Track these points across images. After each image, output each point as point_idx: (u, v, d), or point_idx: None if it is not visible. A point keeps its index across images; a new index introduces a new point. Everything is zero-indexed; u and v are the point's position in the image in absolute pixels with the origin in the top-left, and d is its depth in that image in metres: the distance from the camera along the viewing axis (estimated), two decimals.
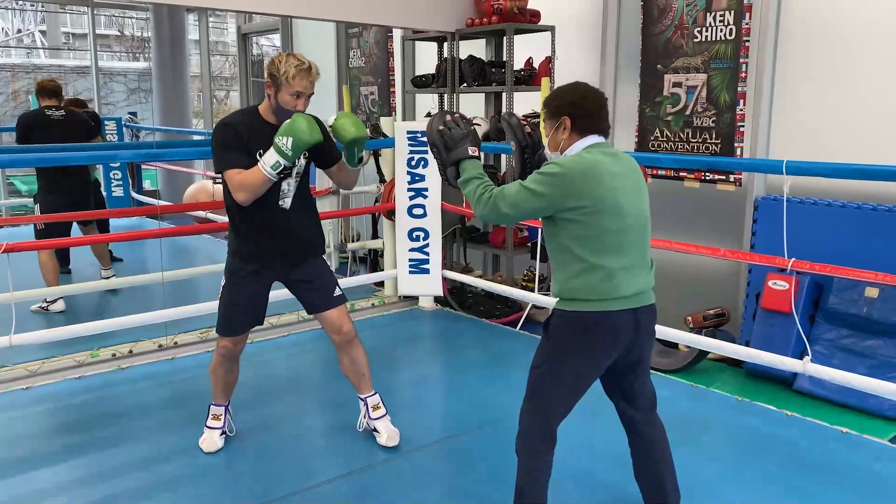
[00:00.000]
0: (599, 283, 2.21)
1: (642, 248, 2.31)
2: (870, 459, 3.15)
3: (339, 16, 5.68)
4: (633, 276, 2.26)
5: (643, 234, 2.30)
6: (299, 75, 2.83)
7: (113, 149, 4.41)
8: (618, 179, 2.22)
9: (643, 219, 2.30)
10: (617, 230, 2.21)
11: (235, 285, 3.04)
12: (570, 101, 2.31)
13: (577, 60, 5.41)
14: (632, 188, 2.27)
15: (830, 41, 4.22)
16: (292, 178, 2.96)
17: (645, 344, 2.37)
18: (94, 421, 3.52)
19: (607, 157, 2.26)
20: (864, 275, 3.33)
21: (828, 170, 3.54)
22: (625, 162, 2.31)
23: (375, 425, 3.22)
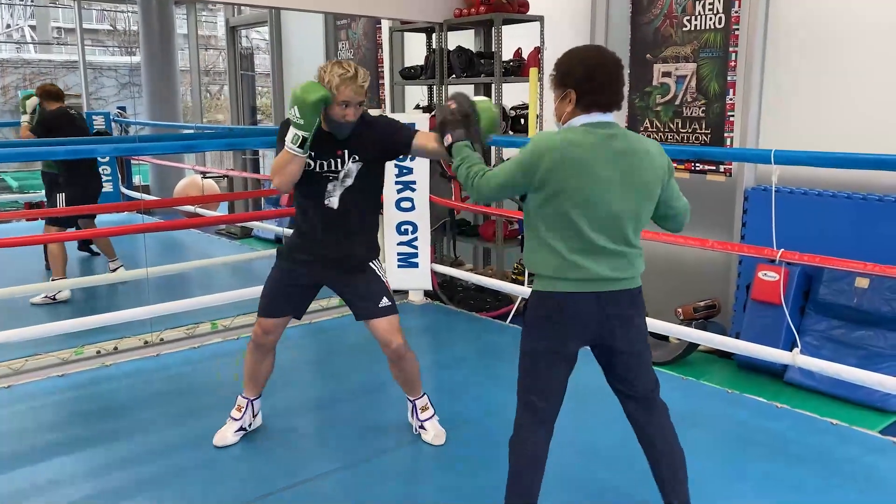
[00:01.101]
0: (558, 262, 2.17)
1: (617, 234, 2.19)
2: (860, 451, 3.12)
3: (327, 7, 5.64)
4: (600, 259, 2.17)
5: (619, 221, 2.17)
6: (344, 84, 2.70)
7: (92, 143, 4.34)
8: (598, 163, 2.12)
9: (623, 204, 2.16)
10: (582, 212, 2.13)
11: (278, 269, 3.06)
12: (577, 72, 2.17)
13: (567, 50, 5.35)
14: (615, 171, 2.13)
15: (820, 30, 4.18)
16: (338, 180, 2.85)
17: (619, 330, 2.25)
18: (77, 419, 3.47)
19: (600, 137, 2.14)
20: (854, 265, 3.30)
21: (816, 159, 3.51)
22: (624, 144, 2.16)
23: (423, 424, 3.21)
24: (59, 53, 20.55)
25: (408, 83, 5.99)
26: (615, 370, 2.35)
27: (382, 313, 2.97)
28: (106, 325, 4.08)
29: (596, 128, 2.15)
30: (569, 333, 2.23)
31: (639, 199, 2.19)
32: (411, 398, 3.24)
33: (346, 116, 2.76)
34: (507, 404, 3.13)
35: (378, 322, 2.98)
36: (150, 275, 5.19)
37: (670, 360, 4.25)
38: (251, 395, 3.24)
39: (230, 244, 7.78)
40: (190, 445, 3.18)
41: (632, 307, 2.28)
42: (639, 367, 2.35)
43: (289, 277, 3.02)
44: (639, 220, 2.23)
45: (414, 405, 3.24)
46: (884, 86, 3.96)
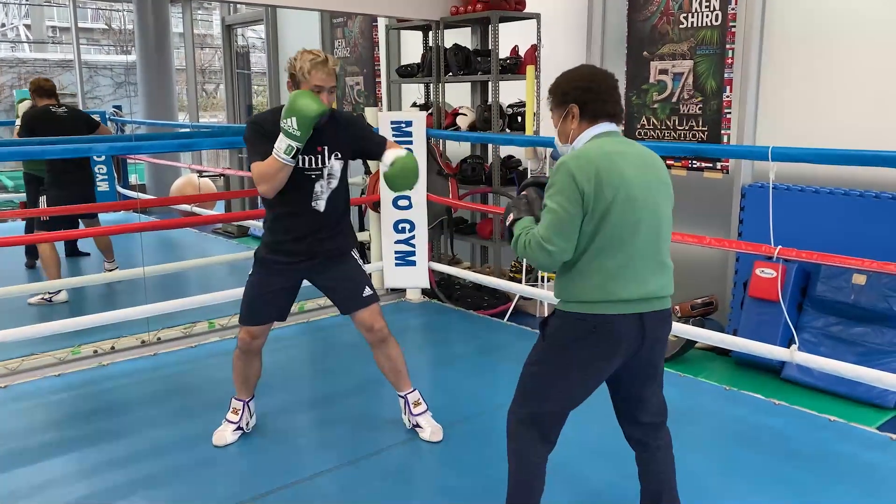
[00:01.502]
0: (601, 283, 2.05)
1: (654, 248, 2.10)
2: (858, 448, 3.13)
3: (323, 5, 5.62)
4: (640, 277, 2.07)
5: (655, 233, 2.10)
6: (315, 69, 2.76)
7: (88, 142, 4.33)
8: (630, 170, 2.06)
9: (657, 216, 2.10)
10: (625, 227, 2.04)
11: (259, 275, 3.05)
12: (576, 85, 2.14)
13: (563, 48, 5.35)
14: (645, 181, 2.08)
15: (816, 26, 4.18)
16: (324, 179, 2.91)
17: (653, 351, 2.18)
18: (74, 419, 3.47)
19: (619, 146, 2.11)
20: (850, 262, 3.30)
21: (814, 156, 3.50)
22: (640, 153, 2.13)
23: (417, 421, 3.19)
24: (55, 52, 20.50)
25: (404, 81, 5.98)
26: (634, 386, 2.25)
27: (367, 302, 3.04)
28: (103, 324, 4.06)
29: (612, 136, 2.13)
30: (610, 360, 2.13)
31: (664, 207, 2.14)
32: (401, 393, 3.23)
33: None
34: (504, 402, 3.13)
35: (361, 312, 3.04)
36: (146, 274, 5.18)
37: (668, 357, 4.25)
38: (245, 397, 3.25)
39: (227, 243, 7.76)
40: (187, 444, 3.17)
41: (667, 327, 2.21)
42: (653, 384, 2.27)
43: (270, 283, 3.03)
44: (670, 228, 2.18)
45: (406, 400, 3.22)
46: (880, 82, 3.96)
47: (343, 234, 3.06)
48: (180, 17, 10.21)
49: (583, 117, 2.13)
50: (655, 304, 2.12)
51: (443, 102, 5.58)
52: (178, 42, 11.09)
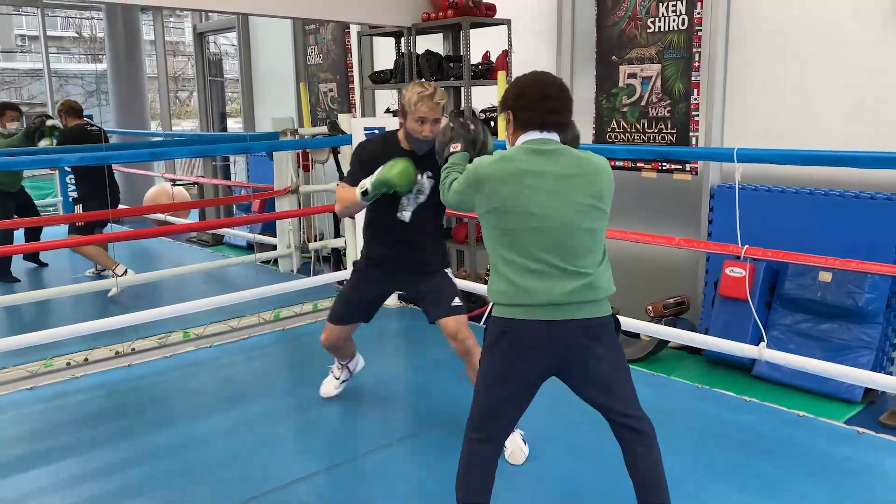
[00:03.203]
0: (507, 287, 2.12)
1: (561, 257, 2.09)
2: (827, 442, 3.19)
3: (295, 12, 5.63)
4: (545, 284, 2.08)
5: (563, 242, 2.09)
6: (421, 101, 2.92)
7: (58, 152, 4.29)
8: (535, 178, 2.09)
9: (566, 225, 2.09)
10: (525, 235, 2.09)
11: (353, 281, 3.32)
12: (512, 93, 2.22)
13: (534, 53, 5.40)
14: (555, 189, 2.09)
15: (780, 30, 4.27)
16: (412, 193, 3.03)
17: (587, 366, 2.15)
18: (47, 431, 3.43)
19: (535, 154, 2.13)
20: (816, 260, 3.38)
21: (778, 156, 3.58)
22: (565, 161, 2.14)
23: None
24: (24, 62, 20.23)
25: (378, 87, 6.00)
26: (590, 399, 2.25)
27: (454, 312, 3.11)
28: (75, 336, 4.03)
29: (535, 144, 2.15)
30: (523, 365, 2.14)
31: (577, 215, 2.11)
32: None
33: (422, 132, 2.95)
34: None
35: (448, 319, 3.10)
36: (119, 284, 5.15)
37: (641, 357, 4.31)
38: (346, 361, 3.62)
39: (202, 251, 7.72)
40: (163, 455, 3.16)
41: (590, 336, 2.13)
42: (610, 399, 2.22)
43: (362, 291, 3.25)
44: (593, 237, 2.15)
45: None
46: (842, 84, 4.05)
47: (434, 249, 3.19)
48: (151, 24, 10.13)
49: (515, 125, 2.19)
50: (566, 312, 2.09)
51: None
52: (149, 50, 10.99)
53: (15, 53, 21.17)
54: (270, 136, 5.88)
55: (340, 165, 5.70)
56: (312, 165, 6.23)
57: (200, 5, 6.04)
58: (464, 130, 2.61)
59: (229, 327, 4.70)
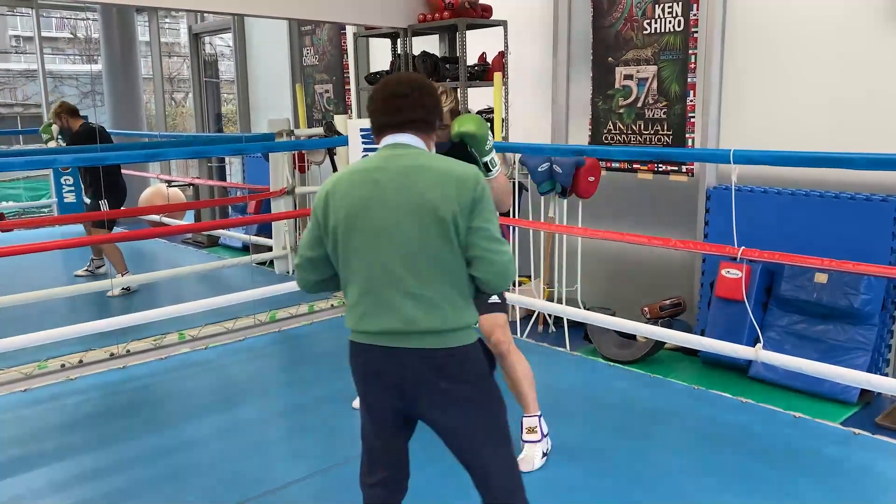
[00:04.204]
0: (349, 310, 1.93)
1: (397, 278, 1.84)
2: (822, 443, 3.20)
3: (291, 13, 5.62)
4: (379, 308, 1.86)
5: (401, 262, 1.83)
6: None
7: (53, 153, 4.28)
8: (366, 189, 1.86)
9: (403, 243, 1.83)
10: (356, 254, 1.87)
11: None
12: (369, 96, 2.02)
13: (530, 55, 5.41)
14: (391, 203, 1.83)
15: (776, 31, 4.27)
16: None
17: (435, 409, 1.90)
18: (41, 433, 3.42)
19: (383, 160, 1.89)
20: (811, 261, 3.38)
21: (774, 158, 3.58)
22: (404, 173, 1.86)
23: (523, 446, 3.03)
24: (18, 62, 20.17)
25: None
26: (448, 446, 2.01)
27: (488, 309, 2.99)
28: (70, 337, 4.01)
29: (387, 150, 1.92)
30: (369, 392, 1.96)
31: (427, 230, 1.83)
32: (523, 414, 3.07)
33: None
34: None
35: (483, 318, 2.99)
36: (114, 286, 5.13)
37: (638, 358, 4.30)
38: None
39: (197, 253, 7.70)
40: (158, 456, 3.15)
41: (435, 371, 1.87)
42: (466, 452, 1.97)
43: None
44: (436, 261, 1.84)
45: (521, 422, 3.05)
46: (838, 85, 4.06)
47: None
48: (146, 25, 10.11)
49: (373, 130, 1.99)
50: (405, 340, 1.85)
51: None
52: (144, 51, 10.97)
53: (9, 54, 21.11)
54: (266, 138, 5.88)
55: (336, 167, 5.69)
56: (308, 166, 6.22)
57: (196, 6, 6.02)
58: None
59: (225, 329, 4.68)
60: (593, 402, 3.67)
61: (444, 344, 1.86)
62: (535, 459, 2.97)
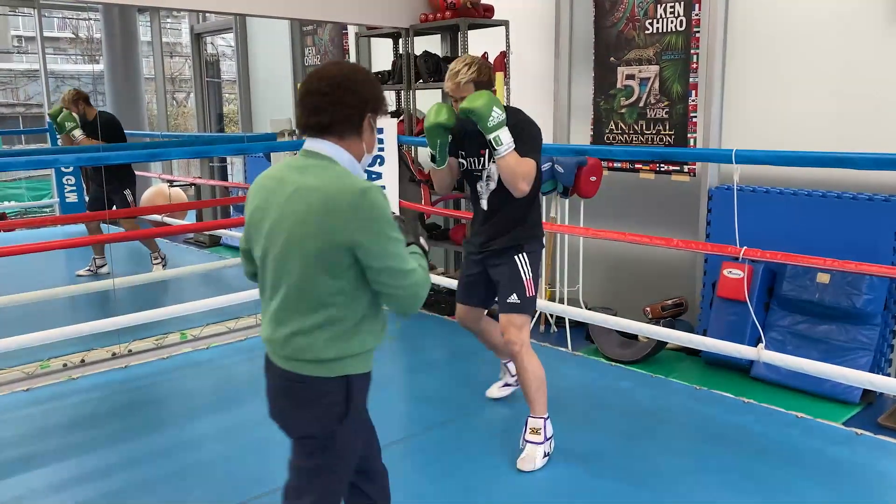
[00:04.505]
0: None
1: (271, 294, 1.78)
2: (824, 443, 3.20)
3: (292, 13, 5.61)
4: (268, 316, 1.81)
5: (276, 280, 1.76)
6: (448, 79, 2.93)
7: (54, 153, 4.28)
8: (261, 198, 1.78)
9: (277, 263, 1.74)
10: (261, 255, 1.80)
11: (463, 262, 3.34)
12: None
13: (532, 54, 5.41)
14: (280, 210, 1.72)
15: (778, 31, 4.27)
16: (483, 180, 3.05)
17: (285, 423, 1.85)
18: (43, 433, 3.42)
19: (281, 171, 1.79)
20: (813, 261, 3.38)
21: (776, 158, 3.58)
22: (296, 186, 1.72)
23: (525, 445, 3.03)
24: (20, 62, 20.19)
25: None
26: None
27: (506, 309, 3.04)
28: (72, 337, 4.02)
29: (300, 157, 1.79)
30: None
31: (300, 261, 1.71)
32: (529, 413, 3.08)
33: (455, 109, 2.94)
34: (479, 407, 3.16)
35: (501, 316, 3.06)
36: (117, 285, 5.13)
37: (640, 358, 4.30)
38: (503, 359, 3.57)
39: (199, 253, 7.71)
40: (159, 456, 3.15)
41: (288, 397, 1.80)
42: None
43: (465, 269, 3.29)
44: (300, 290, 1.72)
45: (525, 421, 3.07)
46: (840, 85, 4.05)
47: (510, 234, 3.07)
48: (148, 25, 10.12)
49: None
50: (274, 357, 1.81)
51: (414, 109, 5.60)
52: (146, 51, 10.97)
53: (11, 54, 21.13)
54: (268, 138, 5.87)
55: None
56: None
57: (198, 6, 6.02)
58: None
59: (226, 328, 4.68)
60: (595, 401, 3.67)
61: (291, 368, 1.78)
62: (537, 459, 2.98)
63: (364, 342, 1.78)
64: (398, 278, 1.72)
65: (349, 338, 1.75)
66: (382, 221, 1.69)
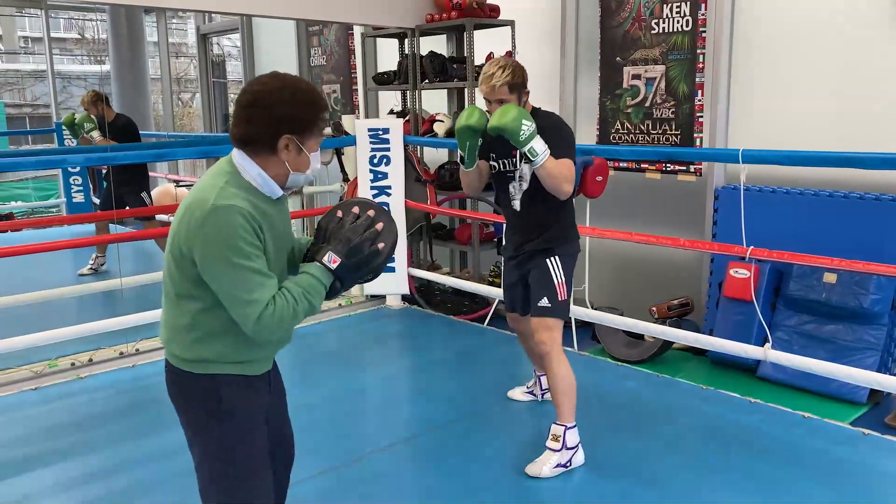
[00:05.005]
0: None
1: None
2: (831, 443, 3.19)
3: (298, 14, 5.63)
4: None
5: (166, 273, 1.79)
6: (482, 83, 2.92)
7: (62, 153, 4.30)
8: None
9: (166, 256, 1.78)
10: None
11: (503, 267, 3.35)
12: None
13: (538, 54, 5.41)
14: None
15: (784, 30, 4.27)
16: (515, 181, 3.03)
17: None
18: (51, 432, 3.43)
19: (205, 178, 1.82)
20: (820, 261, 3.37)
21: (784, 158, 3.58)
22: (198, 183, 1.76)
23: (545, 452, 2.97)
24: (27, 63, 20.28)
25: (381, 88, 6.00)
26: None
27: (537, 312, 3.02)
28: (80, 336, 4.03)
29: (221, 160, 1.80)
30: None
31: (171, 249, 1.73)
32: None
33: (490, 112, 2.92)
34: (484, 406, 3.17)
35: (533, 319, 3.04)
36: (124, 285, 5.15)
37: (646, 358, 4.30)
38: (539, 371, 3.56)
39: None
40: (167, 455, 3.16)
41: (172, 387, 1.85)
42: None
43: (505, 274, 3.31)
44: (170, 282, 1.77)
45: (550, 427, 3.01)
46: (847, 85, 4.05)
47: (543, 237, 3.04)
48: (154, 26, 10.16)
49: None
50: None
51: (420, 109, 5.61)
52: (152, 51, 11.02)
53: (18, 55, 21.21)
54: None
55: (344, 166, 5.70)
56: None
57: (204, 6, 6.04)
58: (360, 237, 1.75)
59: None
60: (601, 401, 3.67)
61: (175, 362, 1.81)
62: (544, 467, 2.90)
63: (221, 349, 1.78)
64: (234, 305, 1.66)
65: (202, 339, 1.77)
66: (222, 244, 1.62)
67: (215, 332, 1.74)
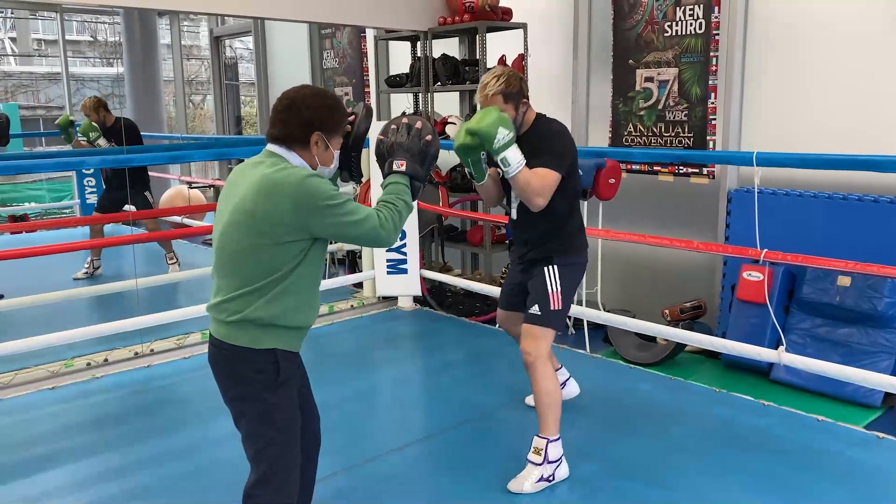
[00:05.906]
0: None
1: (216, 267, 2.08)
2: (845, 446, 3.18)
3: (311, 17, 5.65)
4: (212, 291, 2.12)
5: (218, 254, 2.06)
6: (478, 91, 2.88)
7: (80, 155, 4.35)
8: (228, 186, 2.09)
9: (220, 237, 2.04)
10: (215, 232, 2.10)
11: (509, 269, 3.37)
12: None
13: (550, 57, 5.42)
14: (227, 201, 2.05)
15: (797, 33, 4.26)
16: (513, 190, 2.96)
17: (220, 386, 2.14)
18: (67, 431, 3.47)
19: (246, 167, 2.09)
20: (834, 264, 3.36)
21: (797, 160, 3.57)
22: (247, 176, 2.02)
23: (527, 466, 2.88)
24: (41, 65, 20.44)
25: (393, 91, 6.02)
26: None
27: (527, 319, 2.94)
28: (96, 336, 4.07)
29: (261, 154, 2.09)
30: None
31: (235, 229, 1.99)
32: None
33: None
34: (497, 407, 3.17)
35: (523, 326, 2.96)
36: (139, 286, 5.19)
37: (658, 360, 4.30)
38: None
39: None
40: (181, 454, 3.19)
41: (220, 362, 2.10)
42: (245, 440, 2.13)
43: (508, 276, 3.30)
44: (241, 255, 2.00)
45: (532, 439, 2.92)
46: (860, 88, 4.04)
47: (543, 246, 2.97)
48: (168, 28, 10.23)
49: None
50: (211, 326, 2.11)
51: (432, 112, 5.63)
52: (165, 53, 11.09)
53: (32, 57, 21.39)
54: None
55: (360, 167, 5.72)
56: None
57: (218, 9, 6.08)
58: (409, 139, 2.18)
59: None
60: (613, 403, 3.67)
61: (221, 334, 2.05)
62: (525, 483, 2.79)
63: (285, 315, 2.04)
64: (357, 229, 2.00)
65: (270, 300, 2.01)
66: (326, 198, 1.95)
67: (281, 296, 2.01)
